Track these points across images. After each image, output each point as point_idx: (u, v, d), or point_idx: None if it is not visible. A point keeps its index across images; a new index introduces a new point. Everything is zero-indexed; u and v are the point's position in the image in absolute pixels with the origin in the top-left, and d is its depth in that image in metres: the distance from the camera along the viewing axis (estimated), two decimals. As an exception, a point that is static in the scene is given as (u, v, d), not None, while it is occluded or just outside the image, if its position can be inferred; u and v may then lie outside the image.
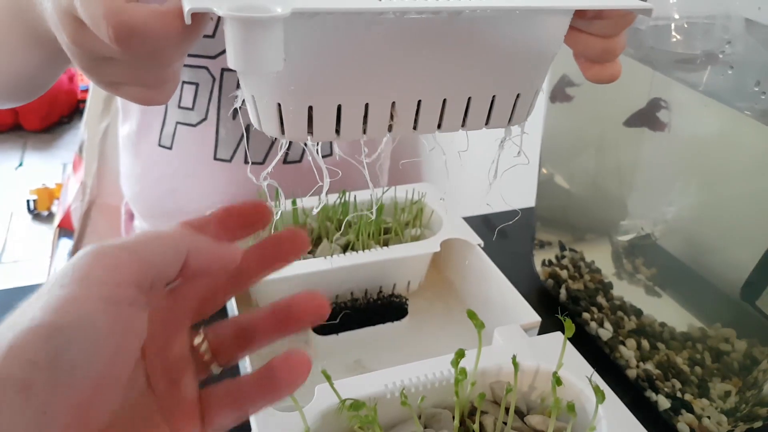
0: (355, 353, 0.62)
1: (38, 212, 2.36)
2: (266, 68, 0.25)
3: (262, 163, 0.78)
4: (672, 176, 0.66)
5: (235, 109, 0.75)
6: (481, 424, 0.48)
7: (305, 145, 0.31)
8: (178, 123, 0.78)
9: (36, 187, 2.37)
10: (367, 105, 0.31)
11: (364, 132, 0.32)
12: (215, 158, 0.78)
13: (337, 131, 0.31)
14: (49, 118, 2.84)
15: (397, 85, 0.30)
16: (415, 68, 0.30)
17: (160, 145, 0.81)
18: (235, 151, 0.78)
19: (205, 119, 0.76)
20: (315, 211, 0.67)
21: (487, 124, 0.34)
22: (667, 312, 0.66)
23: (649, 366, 0.62)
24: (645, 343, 0.64)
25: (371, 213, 0.63)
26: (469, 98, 0.33)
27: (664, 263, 0.69)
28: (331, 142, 0.82)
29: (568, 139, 0.72)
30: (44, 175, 2.53)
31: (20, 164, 2.69)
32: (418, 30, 0.28)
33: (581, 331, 0.68)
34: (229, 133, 0.77)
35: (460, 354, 0.45)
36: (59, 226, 1.41)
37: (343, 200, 0.66)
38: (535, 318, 0.56)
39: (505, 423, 0.47)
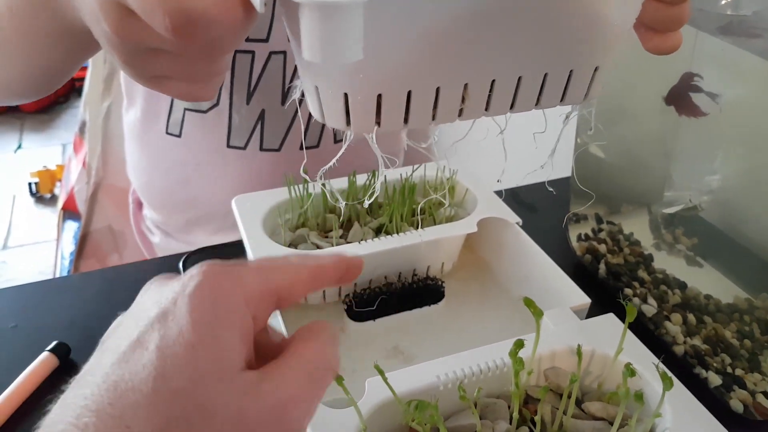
0: (393, 339, 0.60)
1: (41, 195, 2.33)
2: (346, 58, 0.22)
3: (278, 150, 0.75)
4: (716, 144, 0.63)
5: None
6: (538, 413, 0.47)
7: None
8: (186, 110, 0.75)
9: (37, 169, 2.33)
10: (438, 89, 0.28)
11: (434, 118, 0.29)
12: (228, 146, 0.75)
13: (405, 119, 0.29)
14: (46, 98, 2.78)
15: (471, 65, 0.28)
16: (488, 46, 0.27)
17: (167, 133, 0.77)
18: (249, 138, 0.75)
19: (216, 105, 0.73)
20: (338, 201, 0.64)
21: (562, 100, 0.32)
22: (711, 283, 0.64)
23: (697, 341, 0.60)
24: (691, 318, 0.62)
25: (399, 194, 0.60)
26: (546, 74, 0.30)
27: (706, 233, 0.67)
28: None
29: (606, 106, 0.68)
30: (44, 156, 2.49)
31: (19, 146, 2.64)
32: (495, 3, 0.25)
33: (624, 309, 0.65)
34: (242, 119, 0.73)
35: (519, 345, 0.43)
36: (63, 208, 1.38)
37: (372, 181, 0.64)
38: (585, 299, 0.54)
39: (565, 412, 0.45)
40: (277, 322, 0.53)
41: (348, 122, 0.27)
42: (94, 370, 0.23)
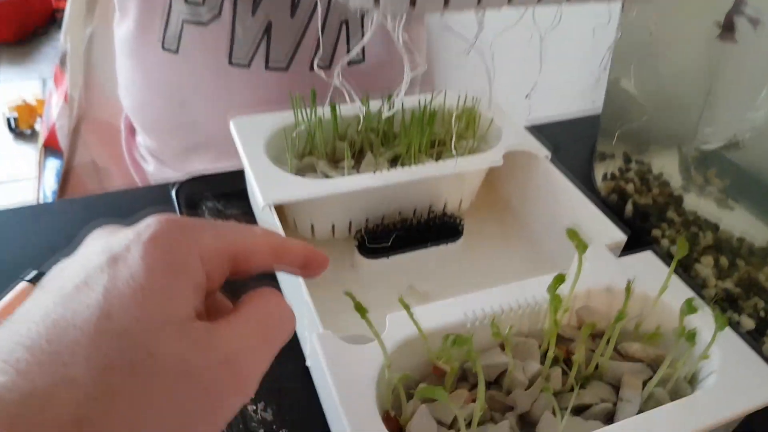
0: (407, 278, 0.56)
1: (20, 130, 2.23)
2: None
3: (285, 70, 0.69)
4: (760, 78, 0.58)
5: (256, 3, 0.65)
6: (570, 353, 0.43)
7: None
8: (184, 21, 0.68)
9: (15, 104, 2.23)
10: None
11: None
12: (231, 63, 0.69)
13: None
14: (23, 28, 2.64)
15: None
16: None
17: (164, 49, 0.71)
18: (254, 55, 0.69)
19: (218, 16, 0.66)
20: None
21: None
22: (743, 225, 0.61)
23: (729, 284, 0.57)
24: (723, 260, 0.58)
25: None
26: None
27: (739, 174, 0.62)
28: (363, 48, 0.72)
29: (642, 38, 0.63)
30: (23, 91, 2.38)
31: (-5, 80, 2.52)
32: None
33: (651, 250, 0.62)
34: (246, 32, 0.67)
35: (560, 279, 0.39)
36: (45, 145, 1.31)
37: (390, 107, 0.58)
38: (620, 236, 0.50)
39: (593, 351, 0.42)
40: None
41: (377, 1, 0.22)
42: (30, 310, 0.21)
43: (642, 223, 0.63)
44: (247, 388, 0.23)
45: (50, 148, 1.29)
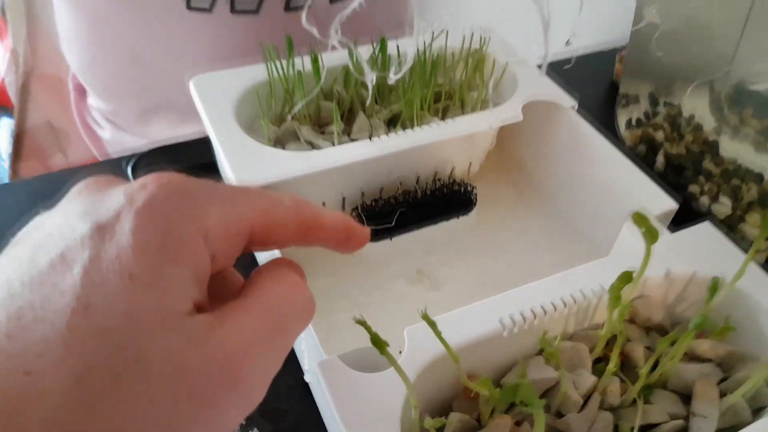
0: (415, 260, 0.48)
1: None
2: None
3: (255, 12, 0.58)
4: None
5: None
6: (627, 356, 0.35)
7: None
8: None
9: (-45, 60, 2.04)
10: None
11: None
12: (189, 7, 0.57)
13: None
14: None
15: None
16: None
17: None
18: (216, -4, 0.57)
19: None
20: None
21: None
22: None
23: (781, 248, 0.50)
24: (772, 218, 0.51)
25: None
26: None
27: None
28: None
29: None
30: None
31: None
32: None
33: (688, 209, 0.54)
34: (207, -31, 0.55)
35: (627, 278, 0.31)
36: (-5, 102, 1.19)
37: (382, 54, 0.48)
38: (670, 204, 0.42)
39: (649, 349, 0.34)
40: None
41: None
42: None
43: (676, 177, 0.55)
44: (252, 395, 0.19)
45: (2, 106, 1.17)
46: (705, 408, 0.33)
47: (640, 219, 0.30)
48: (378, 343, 0.26)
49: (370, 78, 0.38)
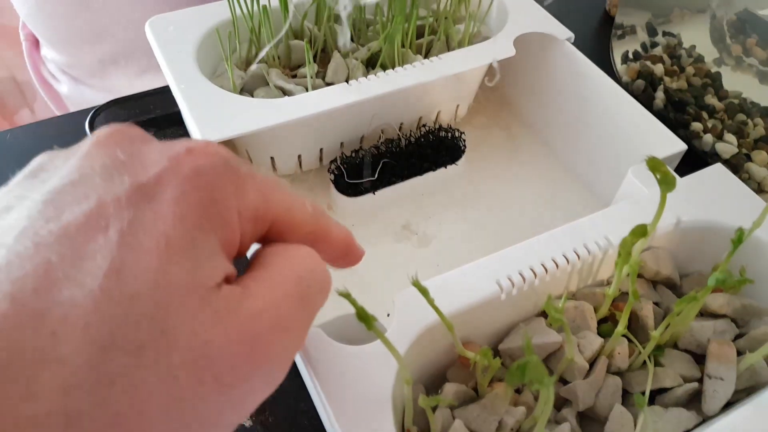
0: (401, 215, 0.44)
1: None
2: None
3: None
4: None
5: None
6: (635, 315, 0.33)
7: None
8: None
9: None
10: None
11: None
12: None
13: None
14: None
15: None
16: None
17: None
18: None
19: None
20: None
21: None
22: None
23: (789, 188, 0.47)
24: (780, 157, 0.48)
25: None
26: None
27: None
28: None
29: None
30: None
31: None
32: None
33: (690, 149, 0.51)
34: None
35: (642, 232, 0.27)
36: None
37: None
38: (678, 146, 0.39)
39: (657, 305, 0.31)
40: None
41: None
42: (15, 226, 0.15)
43: (677, 114, 0.51)
44: (276, 376, 0.18)
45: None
46: (721, 370, 0.30)
47: (654, 164, 0.27)
48: (365, 318, 0.23)
49: (344, 5, 0.33)
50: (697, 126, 0.50)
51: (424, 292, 0.27)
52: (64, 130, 0.50)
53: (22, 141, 0.48)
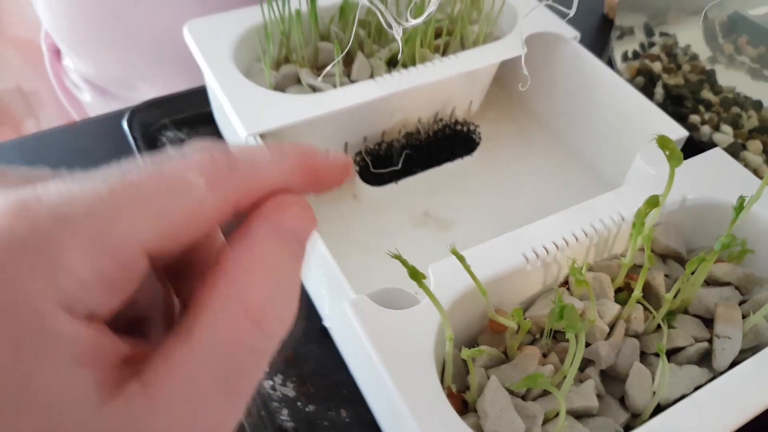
0: (421, 203, 0.47)
1: None
2: None
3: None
4: None
5: None
6: (648, 284, 0.36)
7: None
8: None
9: None
10: None
11: None
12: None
13: None
14: None
15: None
16: None
17: None
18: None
19: None
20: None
21: None
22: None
23: (782, 174, 0.50)
24: (773, 144, 0.51)
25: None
26: None
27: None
28: None
29: None
30: None
31: None
32: None
33: (689, 139, 0.54)
34: None
35: (654, 203, 0.30)
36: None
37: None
38: (680, 132, 0.42)
39: (667, 277, 0.34)
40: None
41: None
42: None
43: (676, 108, 0.54)
44: None
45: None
46: (728, 329, 0.33)
47: (664, 141, 0.30)
48: (415, 275, 0.26)
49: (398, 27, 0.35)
50: (695, 118, 0.53)
51: (461, 258, 0.30)
52: (103, 130, 0.52)
53: (62, 140, 0.50)
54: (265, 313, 0.14)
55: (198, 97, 0.50)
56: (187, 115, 0.50)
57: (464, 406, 0.31)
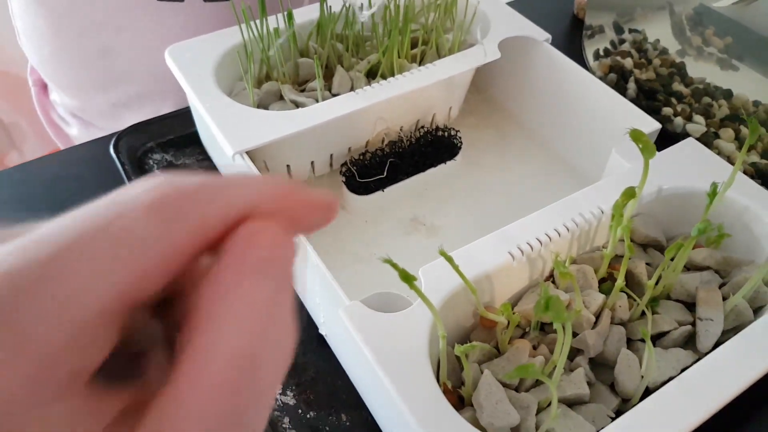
0: (408, 209, 0.48)
1: None
2: None
3: None
4: None
5: None
6: (630, 273, 0.37)
7: None
8: None
9: None
10: None
11: None
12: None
13: None
14: None
15: None
16: None
17: None
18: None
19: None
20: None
21: None
22: (752, 87, 0.55)
23: (755, 157, 0.52)
24: (744, 131, 0.53)
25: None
26: None
27: (740, 31, 0.56)
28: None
29: None
30: None
31: None
32: None
33: (663, 131, 0.56)
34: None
35: (630, 194, 0.32)
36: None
37: (347, 7, 0.47)
38: (653, 125, 0.43)
39: (649, 265, 0.36)
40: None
41: None
42: None
43: (648, 101, 0.56)
44: None
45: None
46: (710, 312, 0.34)
47: (637, 135, 0.31)
48: (407, 278, 0.27)
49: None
50: (667, 111, 0.55)
51: (449, 259, 0.31)
52: (90, 155, 0.52)
53: (51, 169, 0.51)
54: (252, 356, 0.13)
55: (182, 118, 0.51)
56: (172, 137, 0.51)
57: (460, 401, 0.32)
